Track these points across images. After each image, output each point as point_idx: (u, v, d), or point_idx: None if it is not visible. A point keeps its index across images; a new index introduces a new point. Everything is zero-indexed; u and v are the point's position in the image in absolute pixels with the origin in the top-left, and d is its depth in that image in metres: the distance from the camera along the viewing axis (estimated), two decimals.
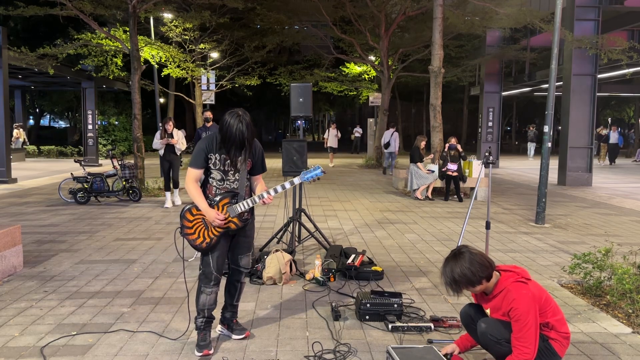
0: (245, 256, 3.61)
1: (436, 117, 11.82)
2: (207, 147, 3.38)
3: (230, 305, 3.68)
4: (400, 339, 3.66)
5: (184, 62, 17.34)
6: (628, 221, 8.52)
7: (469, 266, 2.83)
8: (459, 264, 2.86)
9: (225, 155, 3.38)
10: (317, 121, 66.99)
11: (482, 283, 2.89)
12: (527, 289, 2.84)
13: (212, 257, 3.43)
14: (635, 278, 4.19)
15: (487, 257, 2.90)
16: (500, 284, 2.91)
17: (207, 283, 3.45)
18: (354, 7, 17.98)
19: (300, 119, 6.38)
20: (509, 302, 2.83)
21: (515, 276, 2.91)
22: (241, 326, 3.73)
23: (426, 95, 30.03)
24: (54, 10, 11.77)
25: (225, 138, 3.29)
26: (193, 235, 3.41)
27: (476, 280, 2.86)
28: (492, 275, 2.90)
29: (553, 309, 2.94)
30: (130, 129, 15.50)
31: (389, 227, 7.81)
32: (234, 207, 3.40)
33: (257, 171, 3.57)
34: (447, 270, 2.91)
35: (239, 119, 3.27)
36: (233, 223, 3.43)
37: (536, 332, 2.78)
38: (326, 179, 14.80)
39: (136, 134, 11.62)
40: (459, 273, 2.85)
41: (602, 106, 37.80)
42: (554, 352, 2.92)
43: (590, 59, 13.25)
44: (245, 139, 3.27)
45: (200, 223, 3.42)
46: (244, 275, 3.65)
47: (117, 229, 7.49)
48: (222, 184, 3.44)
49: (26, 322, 3.93)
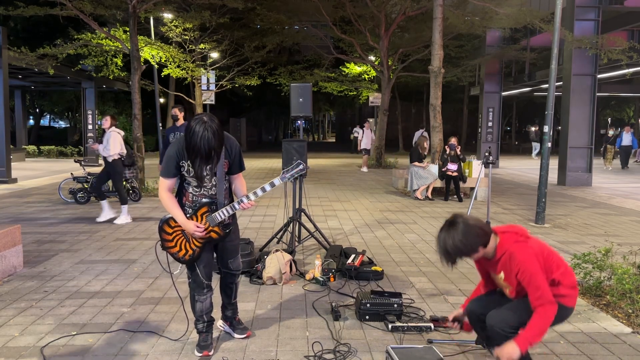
0: (235, 259, 3.52)
1: (436, 117, 11.83)
2: (177, 154, 3.15)
3: (228, 304, 3.66)
4: (400, 339, 3.66)
5: (184, 62, 17.34)
6: (628, 221, 8.52)
7: (461, 238, 2.72)
8: (451, 235, 2.75)
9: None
10: (317, 121, 67.00)
11: (478, 251, 2.80)
12: (529, 247, 2.78)
13: (198, 267, 3.32)
14: (635, 278, 4.19)
15: (482, 225, 2.79)
16: (501, 247, 2.82)
17: (200, 291, 3.36)
18: (354, 7, 17.99)
19: (300, 119, 6.38)
20: (516, 265, 2.75)
21: (514, 237, 2.83)
22: (243, 325, 3.71)
23: (426, 95, 30.01)
24: (54, 10, 11.77)
25: (189, 148, 3.03)
26: (175, 248, 3.27)
27: (470, 250, 2.76)
28: (490, 241, 2.81)
29: (556, 262, 2.87)
30: (130, 129, 15.47)
31: (389, 227, 7.81)
32: (213, 216, 3.22)
33: (235, 170, 3.37)
34: (440, 241, 2.81)
35: (205, 126, 2.98)
36: (214, 232, 3.28)
37: (545, 282, 2.73)
38: (326, 179, 14.81)
39: (136, 134, 11.62)
40: (451, 245, 2.74)
41: (602, 106, 37.78)
42: (566, 308, 2.86)
43: (590, 59, 13.25)
44: (212, 148, 3.00)
45: (180, 235, 3.26)
46: (237, 276, 3.60)
47: (117, 229, 7.49)
48: (199, 191, 3.25)
49: (26, 322, 3.93)
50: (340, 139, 50.98)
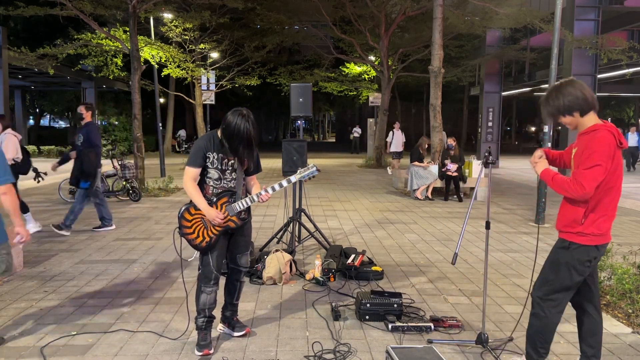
0: (244, 255, 3.61)
1: (436, 117, 11.83)
2: (205, 146, 3.37)
3: (230, 304, 3.69)
4: (400, 339, 3.66)
5: (184, 62, 17.34)
6: (628, 221, 8.52)
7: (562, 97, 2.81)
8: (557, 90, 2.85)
9: (222, 155, 3.37)
10: (317, 121, 66.99)
11: (573, 115, 2.83)
12: (612, 145, 2.75)
13: (211, 256, 3.43)
14: (635, 278, 4.19)
15: (589, 94, 2.80)
16: (596, 125, 2.81)
17: (207, 282, 3.44)
18: (354, 7, 17.99)
19: (300, 119, 6.38)
20: (592, 140, 2.76)
21: (613, 129, 2.80)
22: (241, 323, 3.74)
23: (426, 95, 30.03)
24: (54, 10, 11.77)
25: (232, 138, 3.27)
26: (192, 234, 3.41)
27: (562, 110, 2.83)
28: (589, 114, 2.82)
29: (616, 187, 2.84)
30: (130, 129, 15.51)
31: (389, 227, 7.81)
32: (233, 205, 3.41)
33: (253, 171, 3.59)
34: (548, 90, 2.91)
35: (245, 118, 3.27)
36: (232, 222, 3.44)
37: (601, 177, 2.72)
38: (326, 179, 14.81)
39: (136, 134, 11.61)
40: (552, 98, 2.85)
41: (602, 106, 37.78)
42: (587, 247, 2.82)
43: (590, 59, 13.26)
44: (252, 137, 3.28)
45: (199, 222, 3.41)
46: (243, 274, 3.65)
47: (117, 229, 7.49)
48: (220, 183, 3.43)
49: (26, 322, 3.93)
50: (340, 139, 51.00)
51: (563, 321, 4.03)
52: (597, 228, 2.81)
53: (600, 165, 2.71)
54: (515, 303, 4.45)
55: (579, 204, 2.83)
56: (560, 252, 2.89)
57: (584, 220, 2.82)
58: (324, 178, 15.19)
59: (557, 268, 2.89)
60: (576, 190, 2.74)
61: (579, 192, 2.73)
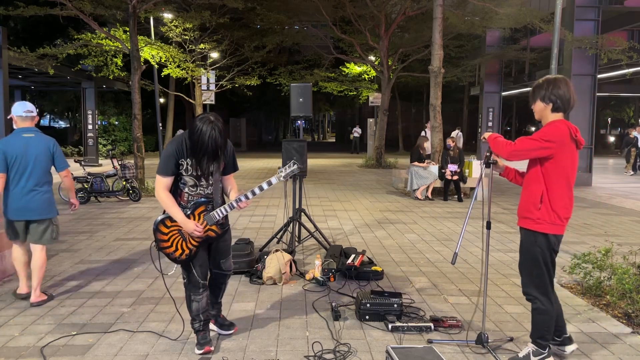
0: (227, 259, 3.53)
1: (436, 117, 11.82)
2: (177, 152, 3.16)
3: (215, 303, 3.65)
4: (400, 339, 3.66)
5: (184, 62, 17.35)
6: (628, 221, 8.52)
7: (552, 87, 3.06)
8: (556, 80, 3.09)
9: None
10: (317, 121, 66.98)
11: (546, 104, 3.09)
12: (567, 131, 3.01)
13: (194, 267, 3.31)
14: (635, 278, 4.19)
15: (572, 98, 3.07)
16: (555, 120, 3.09)
17: (196, 291, 3.36)
18: (354, 7, 18.00)
19: (300, 119, 6.38)
20: (545, 127, 3.09)
21: (570, 124, 3.05)
22: (229, 321, 3.72)
23: (426, 95, 30.00)
24: (54, 10, 11.77)
25: (196, 147, 3.06)
26: (170, 248, 3.24)
27: (543, 97, 3.08)
28: (558, 113, 3.08)
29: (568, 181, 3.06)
30: (130, 129, 15.51)
31: (389, 227, 7.81)
32: (212, 214, 3.23)
33: (229, 170, 3.43)
34: (545, 79, 3.15)
35: (212, 125, 3.03)
36: (212, 231, 3.28)
37: (536, 149, 3.01)
38: (326, 179, 14.81)
39: (136, 134, 11.62)
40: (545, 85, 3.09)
41: (602, 106, 37.78)
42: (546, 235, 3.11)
43: (590, 59, 13.25)
44: (218, 147, 3.06)
45: (176, 234, 3.23)
46: (228, 277, 3.60)
47: (117, 229, 7.49)
48: (196, 190, 3.25)
49: (26, 322, 3.93)
50: (340, 139, 51.01)
51: None
52: (556, 217, 3.08)
53: (541, 141, 2.99)
54: (515, 303, 4.45)
55: (536, 191, 3.09)
56: (533, 246, 3.13)
57: (540, 206, 3.08)
58: (324, 178, 15.20)
59: (536, 262, 3.13)
60: (506, 145, 3.08)
61: (508, 148, 3.06)
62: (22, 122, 4.31)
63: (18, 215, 4.27)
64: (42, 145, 4.27)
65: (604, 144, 37.32)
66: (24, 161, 4.19)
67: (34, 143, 4.25)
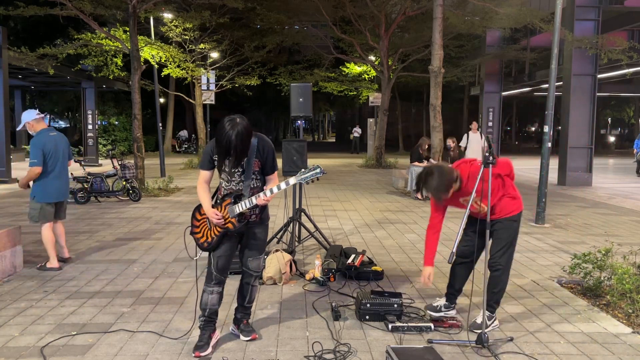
0: (255, 259, 3.57)
1: (436, 117, 11.82)
2: (212, 149, 3.40)
3: (241, 306, 3.68)
4: (400, 339, 3.66)
5: (184, 62, 17.36)
6: (628, 221, 8.52)
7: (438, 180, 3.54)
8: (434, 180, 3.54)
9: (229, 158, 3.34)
10: (317, 121, 66.95)
11: (452, 186, 3.60)
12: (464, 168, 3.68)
13: (213, 256, 3.46)
14: (635, 278, 4.18)
15: (447, 168, 3.61)
16: (463, 174, 3.65)
17: (209, 282, 3.47)
18: (354, 7, 17.99)
19: (300, 119, 6.38)
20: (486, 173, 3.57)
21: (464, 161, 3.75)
22: (250, 327, 3.70)
23: (426, 95, 30.00)
24: (54, 10, 11.77)
25: (217, 145, 3.27)
26: (198, 234, 3.51)
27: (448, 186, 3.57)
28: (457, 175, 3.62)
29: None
30: (130, 129, 15.52)
31: (389, 227, 7.81)
32: (233, 207, 3.40)
33: (267, 171, 3.52)
34: (427, 186, 3.59)
35: (231, 125, 3.19)
36: (231, 223, 3.41)
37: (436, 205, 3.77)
38: (326, 179, 14.81)
39: (136, 134, 11.62)
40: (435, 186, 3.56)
41: (602, 106, 37.80)
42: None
43: (590, 59, 13.25)
44: (231, 146, 3.18)
45: (205, 223, 3.49)
46: (254, 278, 3.62)
47: (117, 229, 7.49)
48: (228, 185, 3.47)
49: (26, 322, 3.93)
50: (340, 139, 51.01)
51: (562, 321, 4.04)
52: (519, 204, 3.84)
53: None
54: (516, 303, 4.45)
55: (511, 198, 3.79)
56: (514, 224, 3.79)
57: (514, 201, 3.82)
58: (324, 178, 15.19)
59: (514, 235, 3.80)
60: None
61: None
62: (38, 124, 5.25)
63: (58, 197, 5.36)
64: (64, 141, 5.43)
65: (604, 144, 37.35)
66: (56, 155, 5.25)
67: (60, 139, 5.36)
